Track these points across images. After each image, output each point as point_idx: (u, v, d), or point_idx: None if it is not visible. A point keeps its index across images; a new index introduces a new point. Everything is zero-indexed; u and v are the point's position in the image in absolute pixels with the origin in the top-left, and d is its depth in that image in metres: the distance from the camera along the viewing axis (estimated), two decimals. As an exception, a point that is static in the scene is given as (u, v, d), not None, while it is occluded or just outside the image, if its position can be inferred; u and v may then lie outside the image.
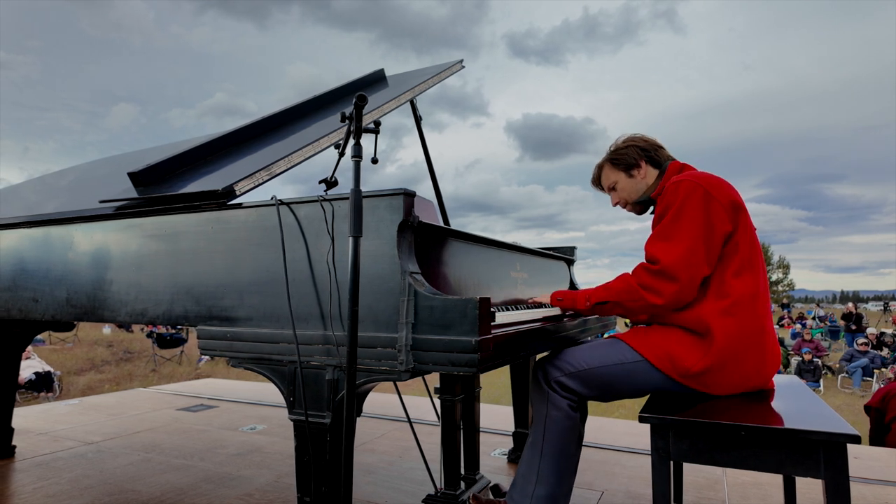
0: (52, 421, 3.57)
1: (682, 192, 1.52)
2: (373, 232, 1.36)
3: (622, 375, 1.56)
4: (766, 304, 1.54)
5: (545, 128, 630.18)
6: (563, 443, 1.56)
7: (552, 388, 1.59)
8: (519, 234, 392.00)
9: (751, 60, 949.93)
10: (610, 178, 1.81)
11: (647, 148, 1.75)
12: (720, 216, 1.49)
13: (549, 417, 1.58)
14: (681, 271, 1.48)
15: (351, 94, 2.57)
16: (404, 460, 2.72)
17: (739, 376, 1.50)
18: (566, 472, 1.57)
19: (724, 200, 1.51)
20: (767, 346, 1.52)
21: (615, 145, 1.81)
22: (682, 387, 1.54)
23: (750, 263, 1.53)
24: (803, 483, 2.31)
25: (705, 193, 1.50)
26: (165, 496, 2.26)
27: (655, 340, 1.56)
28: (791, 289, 47.35)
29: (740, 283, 1.50)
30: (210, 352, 1.60)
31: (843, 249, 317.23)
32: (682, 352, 1.51)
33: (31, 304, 2.04)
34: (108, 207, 1.91)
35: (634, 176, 1.76)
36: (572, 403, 1.58)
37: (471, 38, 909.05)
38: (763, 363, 1.51)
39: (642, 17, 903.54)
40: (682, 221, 1.50)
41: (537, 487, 1.55)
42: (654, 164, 1.75)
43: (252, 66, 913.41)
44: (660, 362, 1.52)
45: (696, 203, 1.50)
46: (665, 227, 1.53)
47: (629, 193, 1.78)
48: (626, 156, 1.75)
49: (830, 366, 11.06)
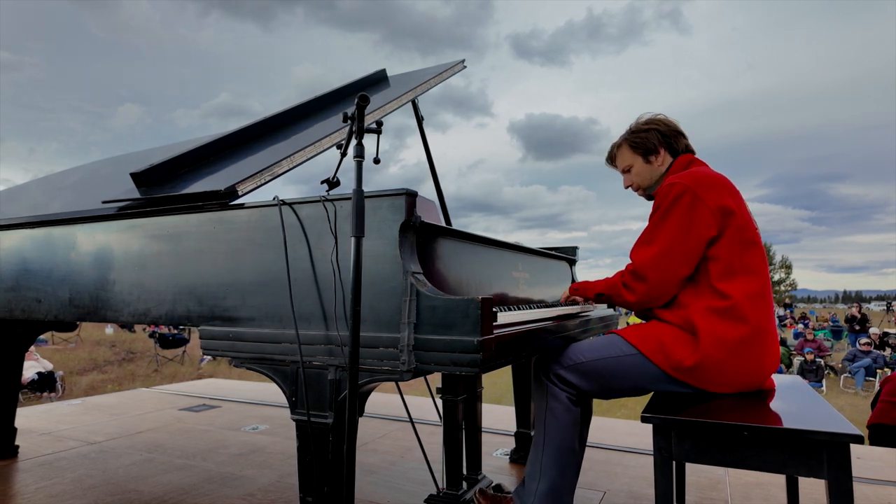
0: (54, 421, 3.58)
1: (671, 196, 1.54)
2: (375, 232, 1.36)
3: (617, 368, 1.58)
4: (766, 305, 1.54)
5: (548, 128, 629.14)
6: (563, 436, 1.57)
7: (551, 381, 1.61)
8: (521, 234, 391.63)
9: (754, 59, 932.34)
10: (626, 160, 1.79)
11: (668, 134, 1.72)
12: (705, 221, 1.51)
13: (548, 410, 1.60)
14: (649, 272, 1.55)
15: (353, 94, 2.57)
16: (406, 460, 2.72)
17: (735, 375, 1.50)
18: (568, 467, 1.58)
19: (712, 205, 1.51)
20: (766, 346, 1.52)
21: (636, 125, 1.77)
22: (678, 383, 1.54)
23: (744, 265, 1.53)
24: (806, 483, 2.31)
25: (693, 198, 1.52)
26: (168, 496, 2.26)
27: (649, 334, 1.59)
28: (793, 289, 47.25)
29: (735, 285, 1.51)
30: (212, 352, 1.60)
31: (845, 249, 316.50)
32: (674, 346, 1.53)
33: (34, 304, 2.04)
34: (111, 208, 1.92)
35: (652, 162, 1.74)
36: (571, 396, 1.60)
37: (475, 39, 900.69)
38: (761, 363, 1.51)
39: (647, 18, 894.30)
40: (664, 226, 1.55)
41: (540, 483, 1.57)
42: (672, 153, 1.73)
43: (257, 66, 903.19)
44: (653, 354, 1.55)
45: (681, 208, 1.52)
46: (647, 231, 1.60)
47: (643, 179, 1.77)
48: (647, 140, 1.73)
49: (833, 366, 11.03)
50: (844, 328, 15.17)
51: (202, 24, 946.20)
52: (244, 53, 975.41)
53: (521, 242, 2.15)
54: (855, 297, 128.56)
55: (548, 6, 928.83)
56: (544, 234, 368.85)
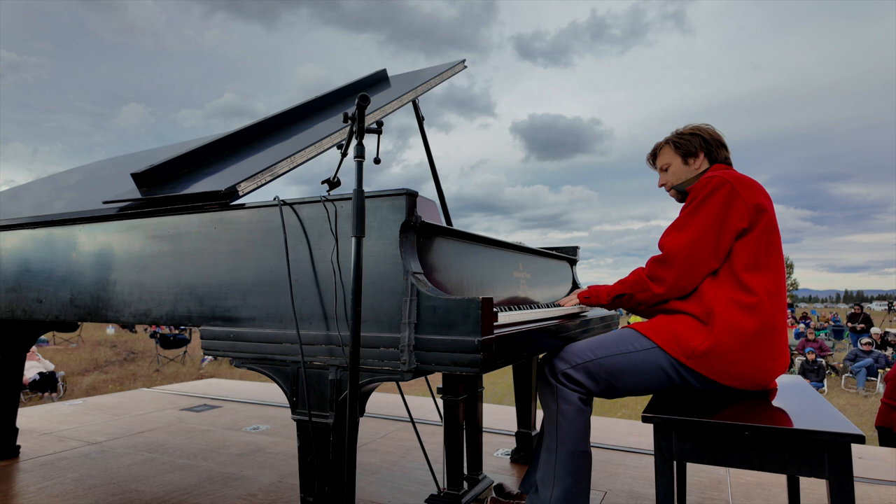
0: (56, 421, 3.58)
1: (710, 187, 1.57)
2: (375, 232, 1.36)
3: (629, 365, 1.57)
4: (782, 305, 1.56)
5: (551, 128, 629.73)
6: (576, 439, 1.56)
7: (560, 382, 1.59)
8: (522, 234, 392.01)
9: (758, 59, 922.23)
10: (666, 159, 1.83)
11: (711, 142, 1.77)
12: (740, 213, 1.54)
13: (560, 413, 1.57)
14: (679, 257, 1.56)
15: (353, 94, 2.57)
16: (407, 460, 2.72)
17: (746, 368, 1.50)
18: (581, 470, 1.57)
19: (748, 200, 1.55)
20: (778, 345, 1.53)
21: (683, 129, 1.82)
22: (690, 373, 1.54)
23: (766, 262, 1.55)
24: (807, 483, 2.30)
25: (731, 190, 1.55)
26: (169, 496, 2.26)
27: (661, 325, 1.61)
28: (795, 288, 47.23)
29: (758, 280, 1.52)
30: (213, 352, 1.60)
31: (847, 249, 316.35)
32: (687, 333, 1.55)
33: (35, 304, 2.05)
34: (112, 208, 1.92)
35: (689, 164, 1.78)
36: (582, 396, 1.58)
37: (480, 40, 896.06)
38: (773, 360, 1.52)
39: (650, 19, 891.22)
40: (699, 213, 1.57)
41: (555, 489, 1.55)
42: (710, 160, 1.77)
43: (261, 67, 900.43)
44: (666, 344, 1.56)
45: (719, 198, 1.55)
46: (682, 217, 1.61)
47: (677, 179, 1.81)
48: (689, 143, 1.77)
49: (834, 365, 11.02)
50: (846, 328, 15.15)
51: (207, 25, 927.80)
52: (248, 54, 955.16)
53: (523, 242, 2.15)
54: (856, 297, 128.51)
55: (551, 8, 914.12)
56: (545, 234, 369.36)
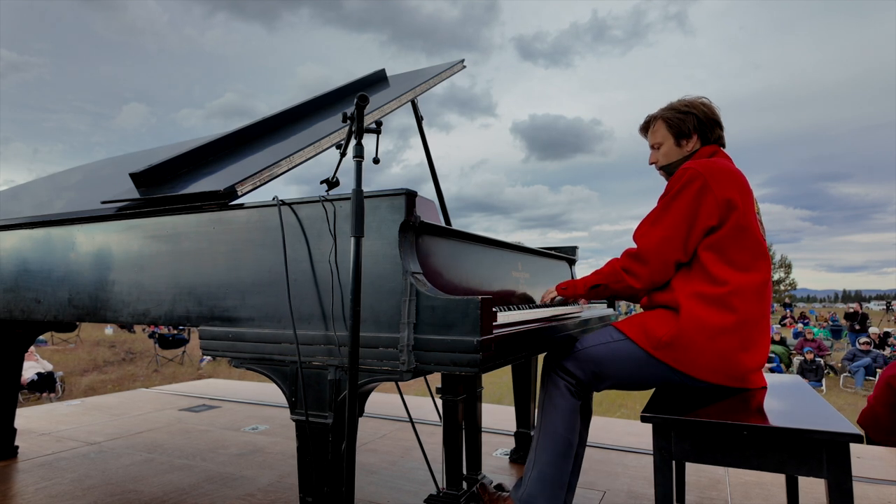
0: (54, 421, 3.57)
1: (683, 180, 1.58)
2: (374, 232, 1.36)
3: (608, 354, 1.63)
4: (760, 302, 1.56)
5: (552, 128, 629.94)
6: (559, 424, 1.60)
7: (555, 372, 1.66)
8: (522, 234, 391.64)
9: (760, 59, 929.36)
10: (658, 137, 1.79)
11: (705, 122, 1.72)
12: (709, 210, 1.55)
13: (548, 398, 1.64)
14: (652, 255, 1.60)
15: (352, 94, 2.57)
16: (406, 460, 2.72)
17: (711, 360, 1.52)
18: (560, 455, 1.59)
19: (720, 195, 1.54)
20: (751, 341, 1.53)
21: (678, 103, 1.77)
22: (659, 364, 1.58)
23: (740, 256, 1.56)
24: (806, 482, 2.31)
25: (703, 185, 1.55)
26: (168, 496, 2.26)
27: (635, 320, 1.66)
28: (793, 288, 47.27)
29: (727, 276, 1.54)
30: (212, 352, 1.60)
31: (846, 249, 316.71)
32: (654, 325, 1.59)
33: (34, 304, 2.04)
34: (110, 208, 1.92)
35: (682, 146, 1.75)
36: (570, 386, 1.63)
37: (481, 41, 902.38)
38: (744, 351, 1.53)
39: (651, 20, 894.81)
40: (671, 209, 1.59)
41: (533, 471, 1.60)
42: (703, 140, 1.74)
43: (262, 67, 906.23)
44: (636, 336, 1.61)
45: (690, 194, 1.56)
46: (656, 211, 1.63)
47: (667, 160, 1.79)
48: (683, 123, 1.73)
49: (833, 365, 11.04)
50: (844, 327, 15.18)
51: (208, 25, 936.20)
52: (249, 54, 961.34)
53: (522, 242, 2.15)
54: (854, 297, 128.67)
55: (552, 9, 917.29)
56: (545, 233, 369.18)
